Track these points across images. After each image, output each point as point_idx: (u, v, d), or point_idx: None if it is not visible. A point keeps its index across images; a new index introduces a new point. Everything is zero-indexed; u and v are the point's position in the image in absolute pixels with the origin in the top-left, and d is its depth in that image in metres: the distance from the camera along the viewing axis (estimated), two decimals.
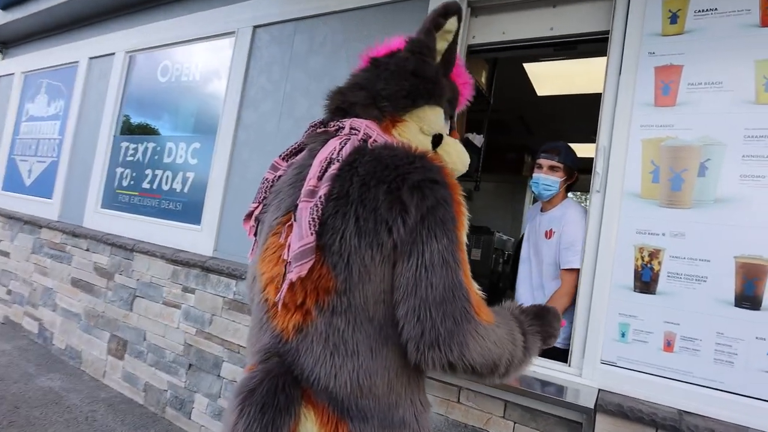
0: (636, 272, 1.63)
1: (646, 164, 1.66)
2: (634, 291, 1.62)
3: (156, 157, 3.39)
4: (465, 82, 1.09)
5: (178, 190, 3.19)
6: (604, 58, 1.81)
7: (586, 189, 1.79)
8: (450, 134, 1.08)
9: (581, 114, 3.29)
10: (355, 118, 0.95)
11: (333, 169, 0.84)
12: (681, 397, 1.49)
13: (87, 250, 3.61)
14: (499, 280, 4.18)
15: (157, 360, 2.97)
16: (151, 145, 3.45)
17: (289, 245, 0.83)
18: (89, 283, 3.53)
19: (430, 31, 0.95)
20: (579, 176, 2.10)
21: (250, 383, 0.81)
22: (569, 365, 1.71)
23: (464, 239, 0.83)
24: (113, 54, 3.87)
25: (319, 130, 0.99)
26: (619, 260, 1.66)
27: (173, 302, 2.95)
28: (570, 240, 1.94)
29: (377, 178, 0.81)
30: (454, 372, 0.80)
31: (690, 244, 1.55)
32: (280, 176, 0.99)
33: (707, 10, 1.63)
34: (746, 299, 1.45)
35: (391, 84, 0.95)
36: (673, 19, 1.68)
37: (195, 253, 2.91)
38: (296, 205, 0.85)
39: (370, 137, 0.91)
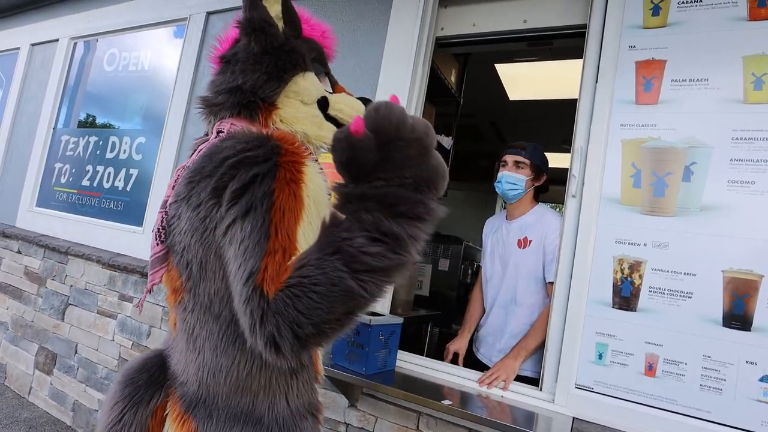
0: (615, 286, 1.46)
1: (626, 167, 1.51)
2: (613, 307, 1.46)
3: (98, 152, 3.08)
4: (323, 32, 1.00)
5: (120, 188, 2.89)
6: (580, 61, 1.67)
7: (560, 200, 1.63)
8: (334, 91, 1.00)
9: (556, 121, 3.18)
10: (223, 120, 0.89)
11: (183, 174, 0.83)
12: (664, 428, 1.33)
13: (18, 252, 3.25)
14: (467, 292, 4.01)
15: (88, 376, 2.65)
16: (92, 139, 3.14)
17: None
18: (18, 289, 3.18)
19: (254, 3, 0.87)
20: (548, 180, 1.91)
21: (127, 365, 0.91)
22: (540, 390, 1.53)
23: (293, 218, 0.71)
24: (57, 41, 3.55)
25: (196, 141, 0.95)
26: (597, 273, 1.49)
27: (108, 311, 2.65)
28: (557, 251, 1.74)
29: (200, 173, 0.77)
30: (298, 350, 0.64)
31: (674, 256, 1.40)
32: None
33: (691, 1, 1.50)
34: (735, 318, 1.30)
35: (248, 74, 0.88)
36: (655, 10, 1.55)
37: (135, 257, 2.63)
38: None
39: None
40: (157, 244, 0.84)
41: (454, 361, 1.91)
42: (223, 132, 0.86)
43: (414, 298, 3.65)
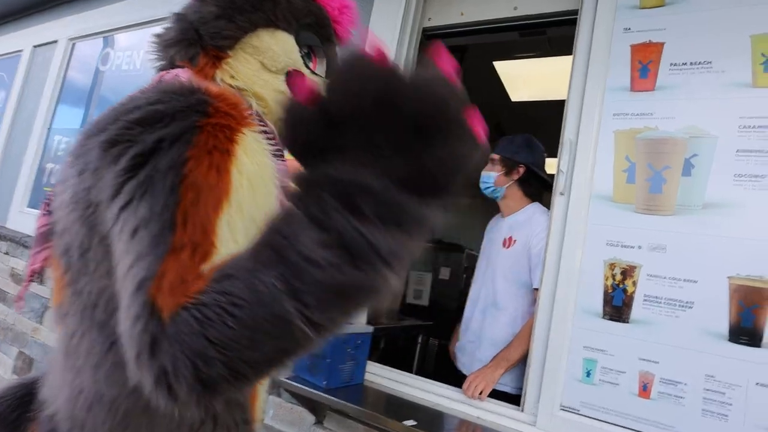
0: (605, 294, 1.30)
1: (619, 161, 1.35)
2: (603, 318, 1.29)
3: None
4: (342, 6, 0.78)
5: None
6: None
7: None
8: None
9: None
10: (170, 70, 0.69)
11: None
12: None
13: (6, 253, 3.21)
14: None
15: None
16: None
17: None
18: (2, 291, 3.12)
19: None
20: (529, 172, 1.78)
21: None
22: (522, 410, 1.36)
23: (212, 202, 0.50)
24: (56, 42, 3.56)
25: None
26: (586, 279, 1.33)
27: None
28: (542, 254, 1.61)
29: (96, 127, 0.57)
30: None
31: (672, 260, 1.23)
32: None
33: None
34: (743, 332, 1.12)
35: (203, 5, 0.68)
36: None
37: None
38: None
39: None
40: (43, 215, 0.65)
41: None
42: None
43: (410, 308, 3.49)
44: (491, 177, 1.80)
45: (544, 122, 3.66)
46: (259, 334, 0.41)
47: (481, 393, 1.43)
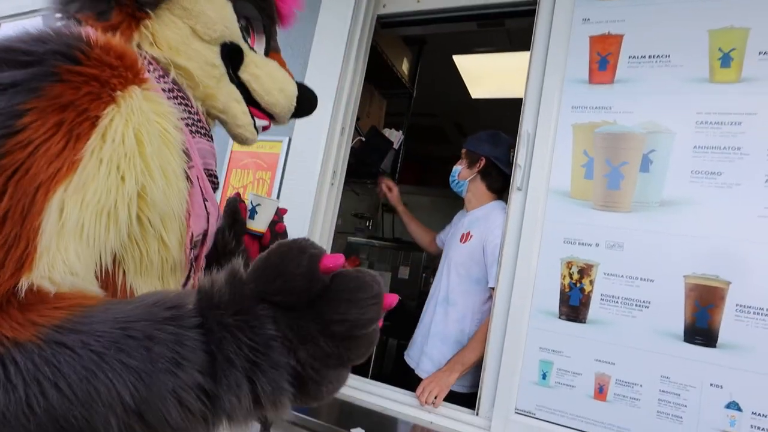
0: (562, 294, 1.25)
1: (577, 155, 1.30)
2: (560, 318, 1.24)
3: None
4: None
5: None
6: None
7: None
8: (268, 57, 0.72)
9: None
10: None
11: None
12: None
13: None
14: None
15: None
16: None
17: None
18: None
19: None
20: (489, 164, 1.73)
21: None
22: (477, 414, 1.30)
23: (47, 177, 0.38)
24: None
25: None
26: (542, 278, 1.28)
27: None
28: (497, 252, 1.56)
29: None
30: None
31: (629, 258, 1.20)
32: None
33: None
34: (699, 333, 1.10)
35: None
36: None
37: None
38: None
39: None
40: None
41: None
42: None
43: None
44: (456, 171, 1.77)
45: (505, 120, 3.65)
46: None
47: (435, 398, 1.37)
